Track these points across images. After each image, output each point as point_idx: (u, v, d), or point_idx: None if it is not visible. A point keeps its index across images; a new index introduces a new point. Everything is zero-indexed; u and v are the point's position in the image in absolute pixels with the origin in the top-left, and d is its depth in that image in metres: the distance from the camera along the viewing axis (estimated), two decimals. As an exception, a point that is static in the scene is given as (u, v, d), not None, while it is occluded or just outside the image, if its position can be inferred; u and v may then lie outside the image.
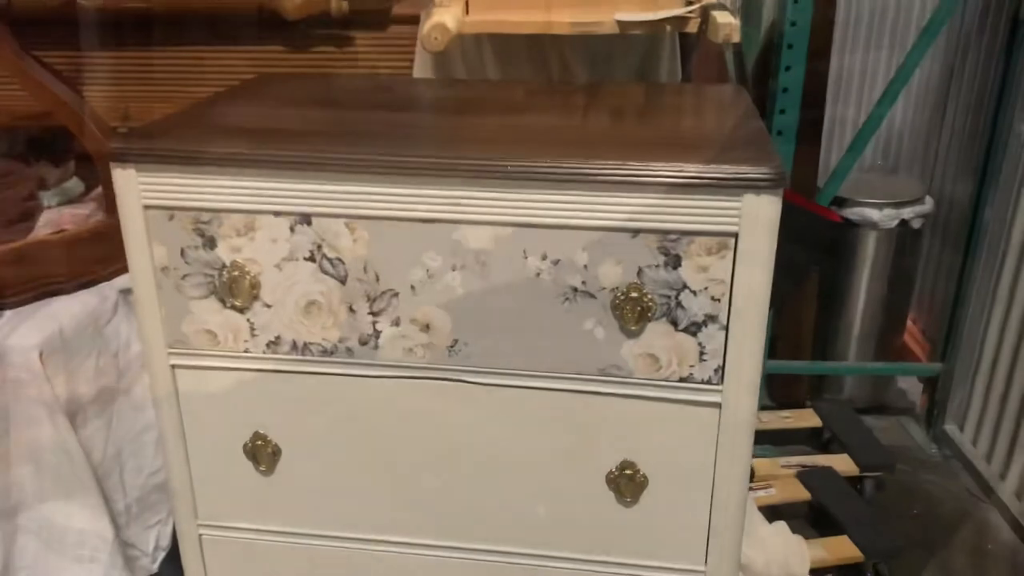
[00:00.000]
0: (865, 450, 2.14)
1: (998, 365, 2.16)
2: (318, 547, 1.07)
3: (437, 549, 1.05)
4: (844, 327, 2.43)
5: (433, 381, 0.97)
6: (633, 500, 0.99)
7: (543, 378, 0.95)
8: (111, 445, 1.45)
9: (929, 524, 2.05)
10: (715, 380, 0.92)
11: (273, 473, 1.04)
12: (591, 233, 0.87)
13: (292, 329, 0.96)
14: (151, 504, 1.54)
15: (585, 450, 0.98)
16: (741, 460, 0.95)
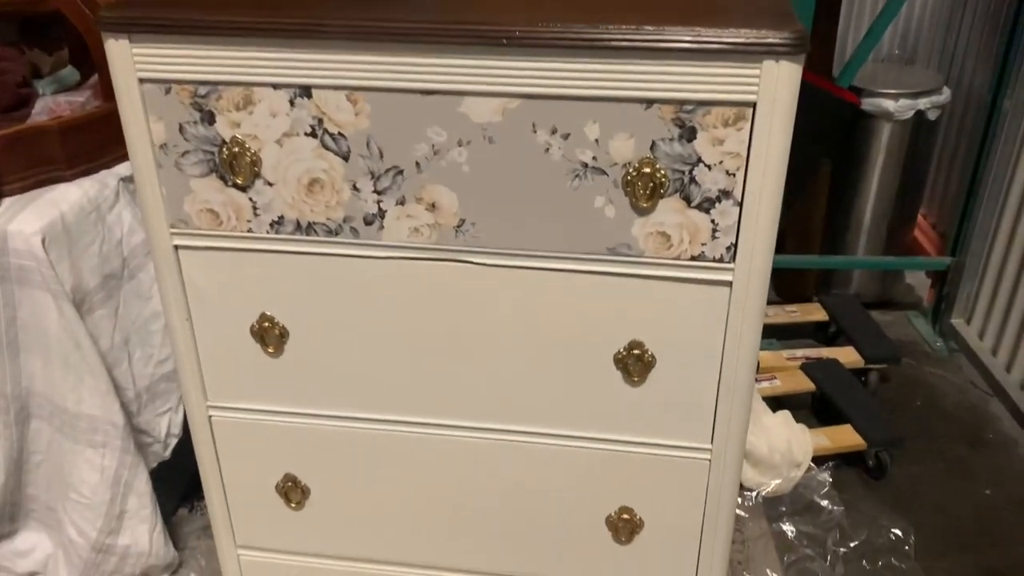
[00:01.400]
0: (871, 343, 2.14)
1: (1009, 258, 2.14)
2: (327, 427, 1.08)
3: (444, 428, 1.06)
4: (854, 221, 2.40)
5: (440, 262, 0.95)
6: (641, 380, 0.99)
7: (552, 258, 0.93)
8: (118, 333, 1.45)
9: (932, 415, 2.07)
10: (727, 258, 0.90)
11: (281, 354, 1.04)
12: (603, 104, 0.84)
13: (295, 208, 0.94)
14: (161, 392, 1.56)
15: (593, 330, 0.97)
16: (750, 340, 0.95)
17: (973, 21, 2.39)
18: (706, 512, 1.06)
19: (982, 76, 2.29)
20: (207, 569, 1.60)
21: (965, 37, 2.43)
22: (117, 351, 1.46)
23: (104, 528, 1.47)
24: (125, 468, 1.46)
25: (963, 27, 2.44)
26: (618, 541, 1.10)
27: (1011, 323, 2.10)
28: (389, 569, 1.18)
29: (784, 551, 1.65)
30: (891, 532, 1.68)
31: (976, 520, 1.75)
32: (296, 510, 1.15)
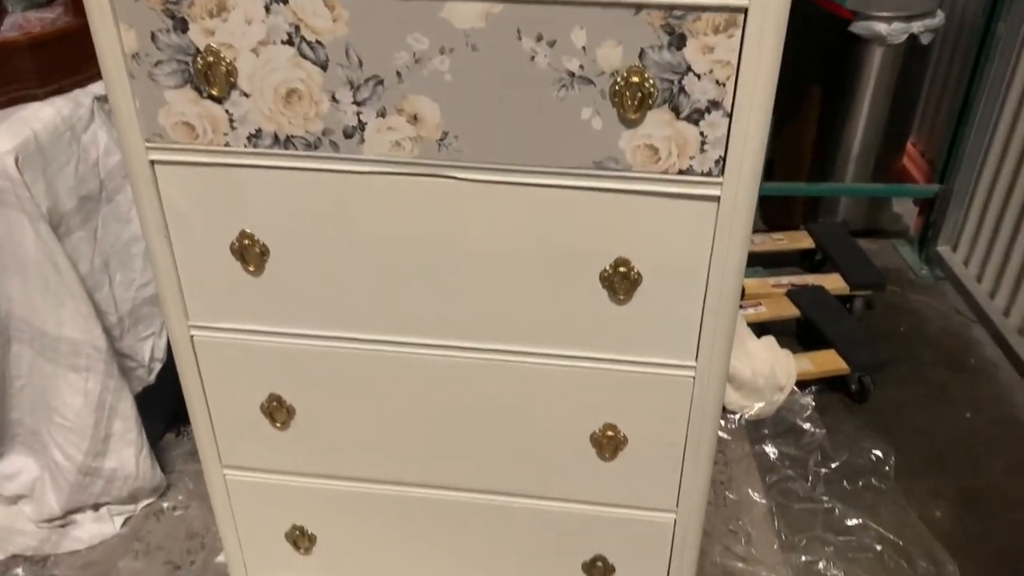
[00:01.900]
0: (856, 269, 2.14)
1: (996, 186, 2.13)
2: (310, 346, 1.07)
3: (427, 348, 1.05)
4: (843, 148, 2.38)
5: (422, 177, 0.93)
6: (627, 298, 0.98)
7: (537, 173, 0.92)
8: (98, 256, 1.43)
9: (915, 341, 2.08)
10: (715, 172, 0.88)
11: (262, 273, 1.02)
12: (590, 9, 0.81)
13: (273, 121, 0.91)
14: (143, 317, 1.54)
15: (579, 247, 0.96)
16: (737, 257, 0.94)
17: (970, -59, 2.34)
18: (689, 429, 1.07)
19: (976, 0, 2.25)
20: (194, 492, 1.61)
21: (961, -41, 2.38)
22: (97, 274, 1.44)
23: (90, 451, 1.47)
24: (109, 392, 1.46)
25: (959, -52, 2.39)
26: (602, 458, 1.10)
27: (996, 250, 2.11)
28: (374, 487, 1.19)
29: (766, 472, 1.67)
30: (872, 453, 1.71)
31: (955, 442, 1.78)
32: (281, 430, 1.15)
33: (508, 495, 1.17)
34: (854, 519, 1.57)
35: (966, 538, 1.55)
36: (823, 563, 1.48)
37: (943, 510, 1.61)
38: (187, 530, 1.55)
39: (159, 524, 1.57)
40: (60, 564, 1.49)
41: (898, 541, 1.53)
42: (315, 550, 1.27)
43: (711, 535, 1.53)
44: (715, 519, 1.57)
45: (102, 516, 1.55)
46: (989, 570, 1.50)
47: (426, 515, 1.20)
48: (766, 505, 1.60)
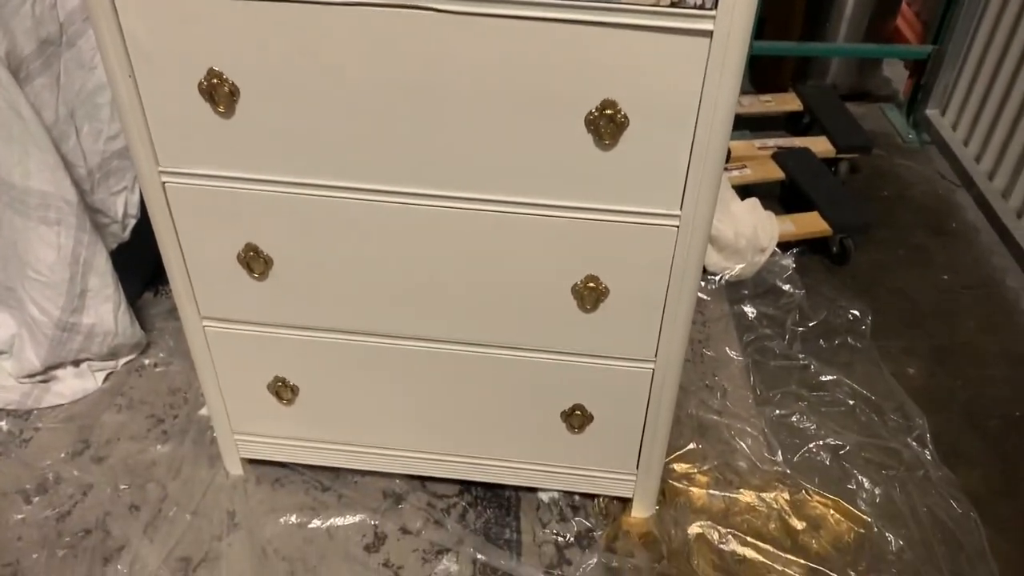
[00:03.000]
0: (844, 132, 2.11)
1: (990, 48, 2.08)
2: (285, 194, 1.04)
3: (405, 196, 1.02)
4: (836, 7, 2.30)
5: (400, 9, 0.88)
6: (612, 143, 0.95)
7: (521, 4, 0.86)
8: (63, 105, 1.37)
9: (898, 205, 2.08)
10: (709, 4, 0.84)
11: (233, 115, 0.98)
12: None
13: (239, -55, 0.85)
14: (114, 170, 1.50)
15: (565, 88, 0.92)
16: (727, 98, 0.91)
17: None
18: (671, 280, 1.06)
19: None
20: (175, 349, 1.61)
21: None
22: (63, 124, 1.38)
23: (66, 307, 1.45)
24: (83, 247, 1.43)
25: None
26: (583, 309, 1.10)
27: (985, 113, 2.08)
28: (354, 338, 1.18)
29: (744, 331, 1.69)
30: (849, 313, 1.73)
31: (931, 303, 1.80)
32: (259, 280, 1.13)
33: (488, 346, 1.17)
34: (828, 375, 1.60)
35: (937, 393, 1.59)
36: (796, 416, 1.52)
37: (916, 367, 1.65)
38: (169, 385, 1.56)
39: (141, 379, 1.57)
40: (43, 417, 1.50)
41: (870, 396, 1.56)
42: (298, 401, 1.28)
43: (687, 390, 1.55)
44: (692, 374, 1.59)
45: (83, 372, 1.55)
46: (957, 422, 1.54)
47: (405, 365, 1.21)
48: (742, 362, 1.63)
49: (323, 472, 1.40)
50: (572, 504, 1.37)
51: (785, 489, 1.40)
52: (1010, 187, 1.95)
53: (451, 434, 1.30)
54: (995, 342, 1.71)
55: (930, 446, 1.48)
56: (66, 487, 1.38)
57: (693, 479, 1.42)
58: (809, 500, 1.39)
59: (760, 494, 1.40)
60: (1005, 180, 1.98)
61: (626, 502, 1.36)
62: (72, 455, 1.43)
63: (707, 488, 1.41)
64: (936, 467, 1.44)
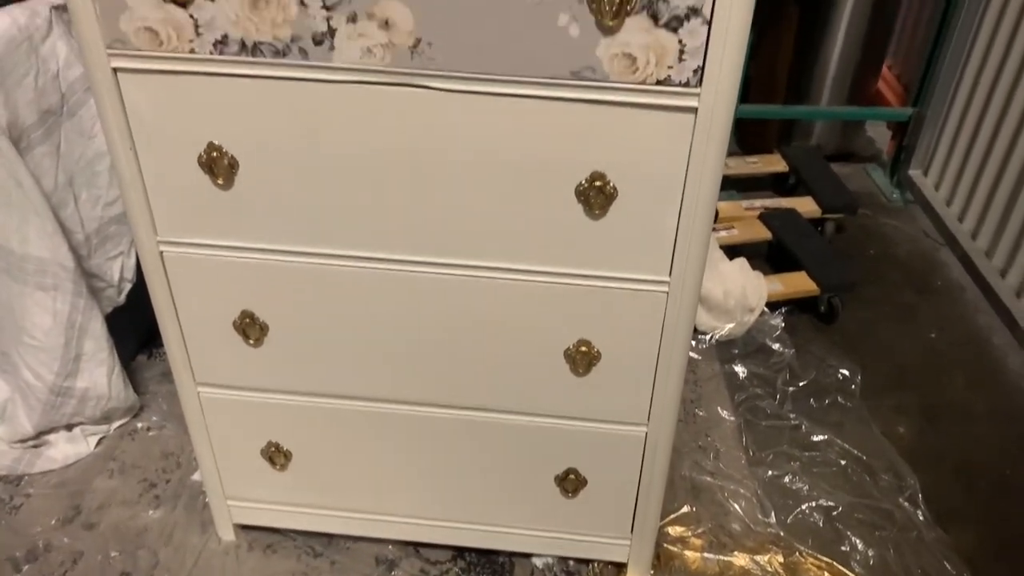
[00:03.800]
0: (829, 193, 2.15)
1: (969, 109, 2.14)
2: (282, 262, 1.06)
3: (400, 263, 1.04)
4: (819, 71, 2.36)
5: (395, 87, 0.91)
6: (602, 212, 0.98)
7: (512, 83, 0.90)
8: (62, 173, 1.40)
9: (884, 263, 2.11)
10: (693, 83, 0.87)
11: (232, 186, 1.00)
12: (567, -90, 0.78)
13: (240, 26, 0.88)
14: (111, 235, 1.52)
15: (555, 160, 0.95)
16: (713, 170, 0.93)
17: None
18: (662, 344, 1.08)
19: (958, -83, 2.21)
20: (169, 413, 1.61)
21: None
22: (62, 191, 1.41)
23: (61, 371, 1.46)
24: (79, 312, 1.44)
25: None
26: (576, 373, 1.11)
27: (967, 173, 2.12)
28: (348, 403, 1.19)
29: (735, 390, 1.70)
30: (839, 372, 1.74)
31: (919, 361, 1.82)
32: (255, 347, 1.15)
33: (481, 410, 1.18)
34: (820, 435, 1.61)
35: (927, 452, 1.60)
36: (788, 477, 1.52)
37: (906, 426, 1.66)
38: (162, 449, 1.56)
39: (134, 444, 1.57)
40: (35, 483, 1.49)
41: (862, 456, 1.57)
42: (291, 466, 1.28)
43: (680, 451, 1.56)
44: (685, 435, 1.60)
45: (75, 436, 1.55)
46: (948, 482, 1.55)
47: (399, 430, 1.21)
48: (735, 422, 1.63)
49: (316, 538, 1.40)
50: (567, 569, 1.37)
51: (779, 551, 1.40)
52: (992, 246, 1.99)
53: (445, 499, 1.30)
54: (983, 400, 1.73)
55: (922, 506, 1.48)
56: (56, 555, 1.37)
57: (687, 542, 1.42)
58: (803, 562, 1.39)
59: (754, 557, 1.40)
60: (987, 239, 2.01)
61: (621, 567, 1.36)
62: (63, 522, 1.42)
63: (701, 551, 1.40)
64: (929, 527, 1.45)
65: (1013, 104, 1.93)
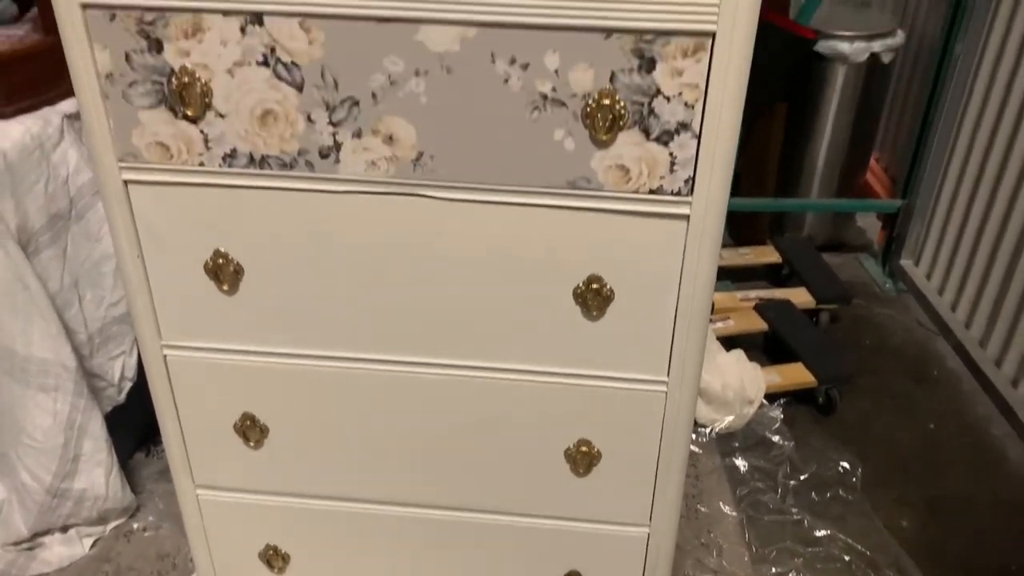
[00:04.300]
0: (822, 284, 2.18)
1: (956, 201, 2.19)
2: (284, 364, 1.07)
3: (402, 364, 1.06)
4: (808, 164, 2.43)
5: (397, 196, 0.94)
6: (599, 314, 0.99)
7: (511, 192, 0.93)
8: (68, 275, 1.42)
9: (880, 353, 2.12)
10: (685, 192, 0.90)
11: (237, 292, 1.02)
12: (563, 34, 0.83)
13: (249, 141, 0.92)
14: (113, 335, 1.53)
15: (553, 265, 0.97)
16: (706, 273, 0.96)
17: (927, -36, 2.40)
18: (662, 443, 1.08)
19: (935, 20, 2.31)
20: (165, 512, 1.60)
21: (919, -20, 2.45)
22: (67, 293, 1.43)
23: (58, 472, 1.45)
24: (78, 412, 1.45)
25: (918, -30, 2.46)
26: (576, 473, 1.11)
27: (957, 264, 2.16)
28: (347, 505, 1.19)
29: (736, 485, 1.69)
30: (839, 465, 1.74)
31: (920, 452, 1.82)
32: (255, 449, 1.15)
33: (482, 512, 1.17)
34: (822, 530, 1.59)
35: (931, 546, 1.58)
36: (792, 574, 1.50)
37: (909, 519, 1.64)
38: (158, 551, 1.54)
39: (129, 545, 1.55)
40: (28, 587, 1.47)
41: (865, 551, 1.56)
42: (289, 569, 1.27)
43: (683, 548, 1.54)
44: (687, 532, 1.58)
45: (71, 538, 1.53)
46: (954, 578, 1.53)
47: (399, 533, 1.20)
48: (737, 517, 1.62)
49: (313, 642, 1.37)
50: (569, 673, 1.34)
51: (786, 652, 1.38)
52: (986, 336, 2.01)
53: (445, 601, 1.28)
54: (985, 491, 1.72)
55: (929, 603, 1.46)
56: (47, 663, 1.34)
57: (692, 644, 1.39)
58: (811, 663, 1.36)
59: (760, 658, 1.37)
60: (981, 329, 2.03)
61: (624, 670, 1.33)
62: (55, 628, 1.40)
63: (706, 653, 1.38)
64: (937, 626, 1.43)
65: (999, 194, 1.98)
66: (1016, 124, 1.93)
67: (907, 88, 2.50)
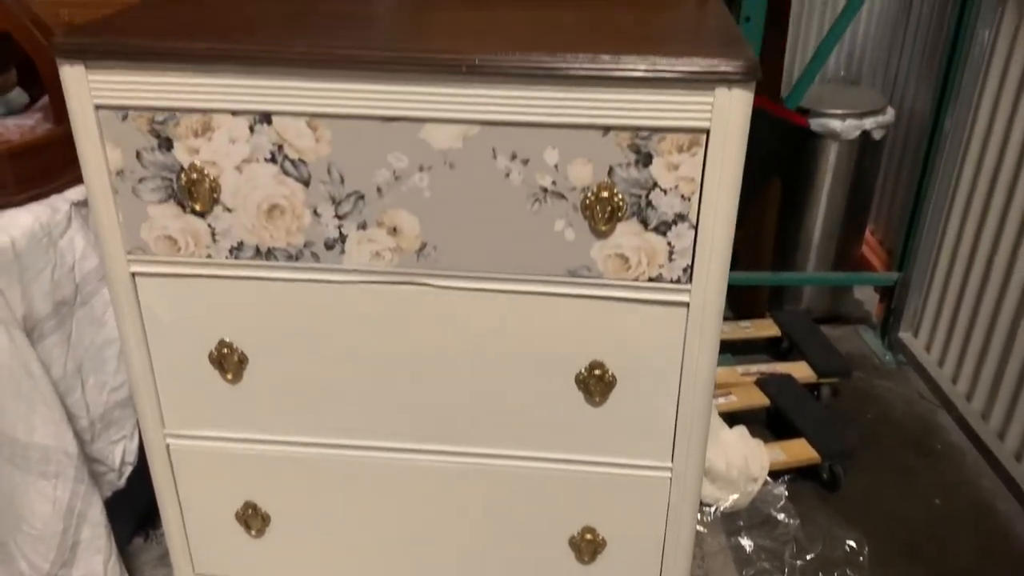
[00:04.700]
0: (822, 357, 2.19)
1: (953, 273, 2.21)
2: (287, 452, 1.07)
3: (406, 452, 1.06)
4: (804, 238, 2.45)
5: (401, 286, 0.96)
6: (602, 400, 1.00)
7: (512, 280, 0.95)
8: (71, 360, 1.42)
9: (882, 427, 2.11)
10: (684, 279, 0.92)
11: (240, 381, 1.03)
12: (561, 131, 0.85)
13: (255, 234, 0.94)
14: (116, 420, 1.53)
15: (555, 351, 0.98)
16: (708, 358, 0.97)
17: (914, 44, 2.47)
18: (667, 529, 1.08)
19: (924, 97, 2.37)
20: (163, 599, 1.57)
21: (907, 59, 2.51)
22: (70, 379, 1.43)
23: (57, 560, 1.43)
24: (78, 498, 1.43)
25: (904, 50, 2.53)
26: (581, 561, 1.10)
27: (956, 336, 2.17)
28: (352, 594, 1.17)
29: (743, 565, 1.67)
30: (846, 543, 1.71)
31: (927, 528, 1.79)
32: (256, 537, 1.14)
33: (486, 599, 1.16)
34: (832, 612, 1.57)
35: (943, 628, 1.56)
36: (803, 658, 1.47)
37: (918, 599, 1.62)
38: (155, 640, 1.51)
39: (126, 634, 1.52)
40: None
41: (876, 633, 1.53)
42: (289, 660, 1.25)
43: (690, 632, 1.51)
44: (694, 615, 1.56)
45: (67, 627, 1.50)
46: (967, 661, 1.50)
47: (404, 621, 1.19)
48: (744, 599, 1.60)
49: None
50: None
51: None
52: (988, 409, 2.00)
53: None
54: (992, 569, 1.69)
55: None
56: None
57: None
58: None
59: None
60: (983, 403, 2.03)
61: None
62: None
63: None
64: None
65: (995, 267, 2.00)
66: (1008, 197, 1.96)
67: (899, 163, 2.54)
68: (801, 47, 2.66)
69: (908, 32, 2.51)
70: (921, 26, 2.43)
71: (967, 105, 2.13)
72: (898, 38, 2.56)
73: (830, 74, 2.70)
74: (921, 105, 2.40)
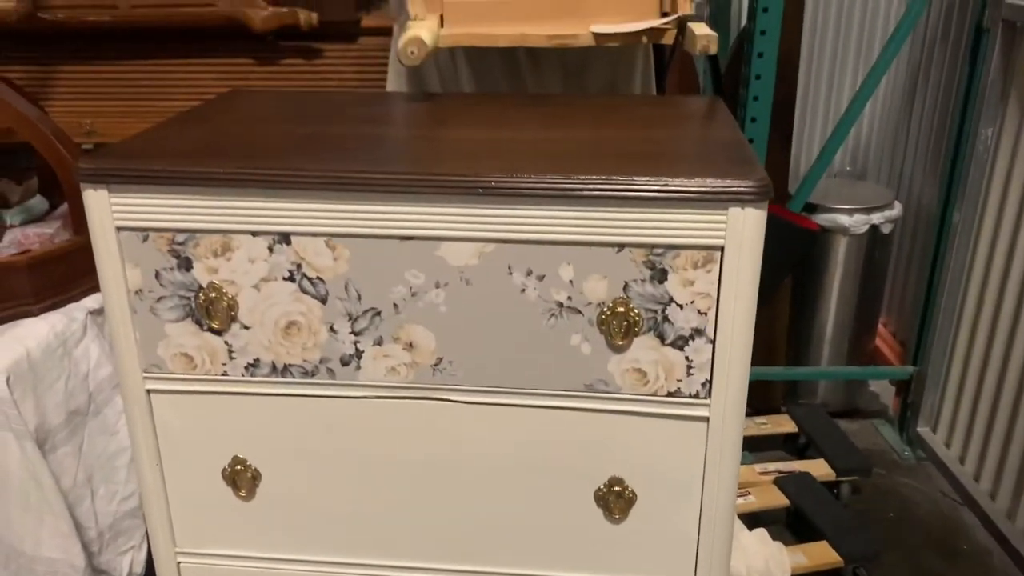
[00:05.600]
0: (841, 454, 2.15)
1: (969, 367, 2.18)
2: (300, 572, 1.05)
3: (422, 571, 1.03)
4: (817, 332, 2.45)
5: (417, 400, 0.95)
6: (622, 516, 0.98)
7: (529, 395, 0.94)
8: (82, 470, 1.41)
9: (905, 526, 2.06)
10: (703, 394, 0.91)
11: (253, 498, 1.02)
12: (576, 248, 0.86)
13: (271, 351, 0.94)
14: (124, 530, 1.50)
15: (573, 467, 0.96)
16: (729, 473, 0.95)
17: (918, 140, 2.51)
18: (691, 649, 1.04)
19: (930, 192, 2.39)
20: None
21: (911, 155, 2.55)
22: (80, 489, 1.41)
23: None
24: (84, 613, 1.40)
25: (909, 145, 2.56)
26: None
27: (975, 433, 2.13)
28: None
29: (768, 678, 1.60)
30: (875, 653, 1.65)
31: (958, 637, 1.73)
32: (266, 659, 1.10)
33: None
34: None
35: None
36: None
37: None
38: None
39: None
40: None
41: None
42: None
43: None
44: None
45: None
46: None
47: None
48: None
49: None
50: None
51: None
52: (1014, 508, 1.96)
53: None
54: None
55: None
56: None
57: None
58: None
59: None
60: (1007, 501, 1.98)
61: None
62: None
63: None
64: None
65: (1012, 359, 1.98)
66: (1022, 287, 1.96)
67: (909, 256, 2.55)
68: (807, 138, 2.71)
69: (912, 128, 2.55)
70: (924, 123, 2.48)
71: (974, 200, 2.14)
72: (902, 134, 2.61)
73: (836, 168, 2.73)
74: (928, 199, 2.42)
